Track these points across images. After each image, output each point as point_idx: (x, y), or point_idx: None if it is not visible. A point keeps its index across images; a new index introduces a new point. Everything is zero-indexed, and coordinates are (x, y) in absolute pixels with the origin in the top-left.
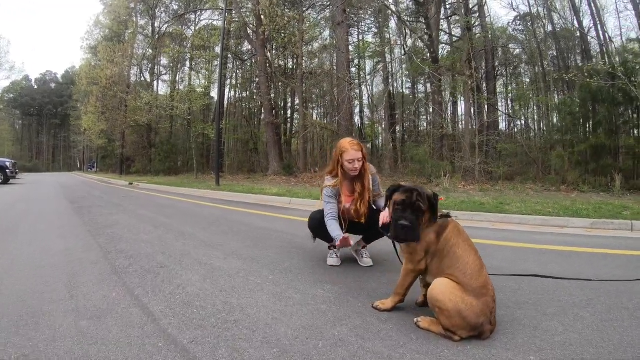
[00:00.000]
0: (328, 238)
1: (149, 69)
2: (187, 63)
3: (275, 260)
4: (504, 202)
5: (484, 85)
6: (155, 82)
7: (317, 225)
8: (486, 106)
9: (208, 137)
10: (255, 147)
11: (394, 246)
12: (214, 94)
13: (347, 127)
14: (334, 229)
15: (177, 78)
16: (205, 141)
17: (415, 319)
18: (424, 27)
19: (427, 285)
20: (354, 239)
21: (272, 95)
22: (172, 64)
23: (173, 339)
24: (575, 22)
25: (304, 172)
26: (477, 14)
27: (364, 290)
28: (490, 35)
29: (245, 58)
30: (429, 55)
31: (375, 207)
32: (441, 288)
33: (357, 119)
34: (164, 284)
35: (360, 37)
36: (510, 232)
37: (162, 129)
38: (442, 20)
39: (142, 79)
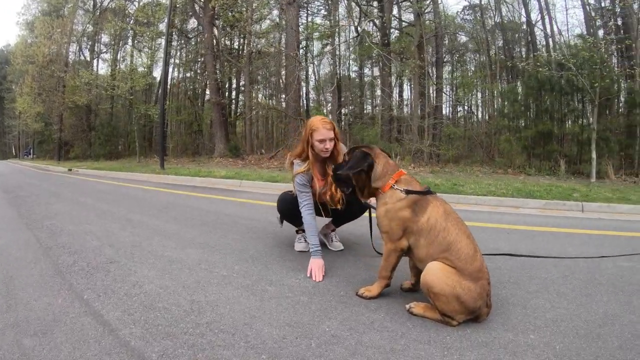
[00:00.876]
0: (297, 222)
1: (88, 47)
2: (129, 41)
3: (237, 247)
4: (457, 184)
5: (433, 70)
6: (95, 61)
7: (288, 208)
8: (433, 91)
9: (150, 118)
10: (199, 129)
11: (370, 232)
12: (157, 73)
13: (296, 107)
14: (312, 235)
15: (119, 56)
16: (147, 123)
17: (407, 306)
18: (376, 10)
19: (417, 274)
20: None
21: (218, 75)
22: (113, 42)
23: (139, 354)
24: (524, 14)
25: (251, 154)
26: (429, 1)
27: (342, 276)
28: (443, 22)
29: (191, 36)
30: (380, 38)
31: None
32: (436, 273)
33: (302, 100)
34: (116, 283)
35: (309, 19)
36: (469, 212)
37: (102, 110)
38: (392, 5)
39: (82, 57)
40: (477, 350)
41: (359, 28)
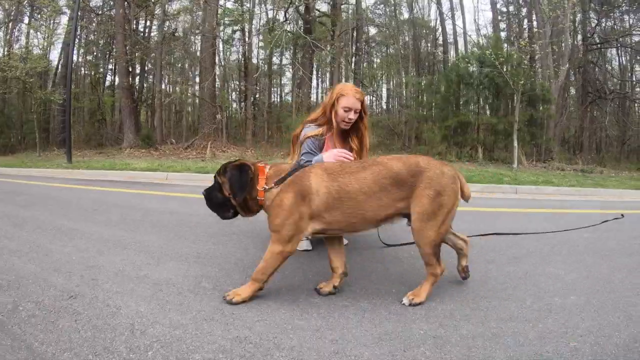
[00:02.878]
0: None
1: None
2: (26, 19)
3: (228, 255)
4: None
5: (352, 60)
6: None
7: None
8: (346, 79)
9: (47, 107)
10: (103, 118)
11: None
12: (54, 56)
13: (212, 93)
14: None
15: (13, 36)
16: (44, 112)
17: (404, 301)
18: None
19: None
20: None
21: (128, 57)
22: (7, 19)
23: None
24: (433, 12)
25: (162, 144)
26: None
27: (372, 275)
28: (364, 13)
29: (98, 13)
30: (303, 26)
31: None
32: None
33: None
34: (101, 333)
35: (221, 3)
36: None
37: None
38: None
39: None
40: (533, 315)
41: (287, 14)
